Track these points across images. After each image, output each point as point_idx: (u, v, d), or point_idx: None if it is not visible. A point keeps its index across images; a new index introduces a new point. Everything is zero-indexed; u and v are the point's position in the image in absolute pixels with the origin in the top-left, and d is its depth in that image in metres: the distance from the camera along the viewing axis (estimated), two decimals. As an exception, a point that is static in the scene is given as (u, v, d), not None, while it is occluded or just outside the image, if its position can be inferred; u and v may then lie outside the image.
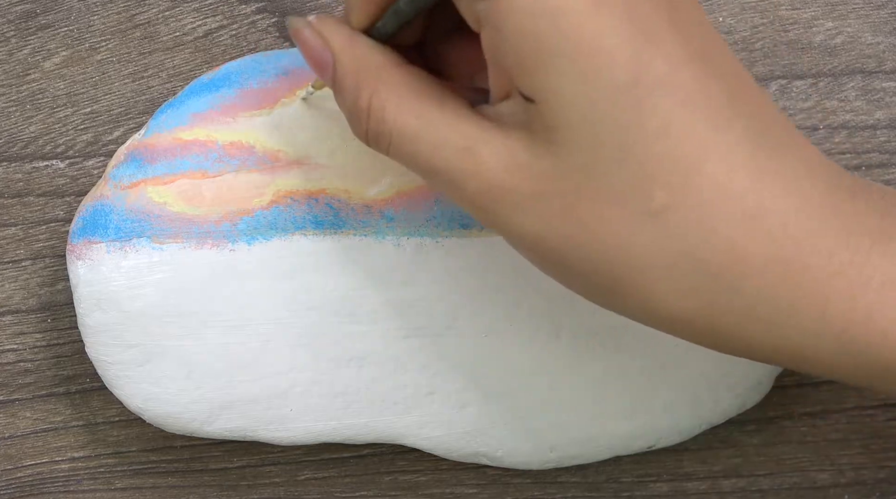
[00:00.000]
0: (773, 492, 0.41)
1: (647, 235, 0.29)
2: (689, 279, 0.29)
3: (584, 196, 0.29)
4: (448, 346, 0.38)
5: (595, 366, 0.38)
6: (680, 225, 0.29)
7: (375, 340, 0.38)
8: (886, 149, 0.41)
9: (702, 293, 0.29)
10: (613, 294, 0.30)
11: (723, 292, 0.29)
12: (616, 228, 0.29)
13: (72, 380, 0.41)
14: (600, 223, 0.29)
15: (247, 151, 0.38)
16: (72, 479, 0.41)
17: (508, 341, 0.38)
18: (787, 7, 0.41)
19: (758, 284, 0.29)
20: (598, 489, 0.41)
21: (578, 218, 0.29)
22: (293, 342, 0.38)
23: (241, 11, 0.41)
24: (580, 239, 0.29)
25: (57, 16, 0.42)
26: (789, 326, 0.29)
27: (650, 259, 0.29)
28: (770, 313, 0.29)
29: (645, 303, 0.30)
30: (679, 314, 0.30)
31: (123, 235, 0.37)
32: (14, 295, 0.41)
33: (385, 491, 0.41)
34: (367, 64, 0.32)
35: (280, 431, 0.39)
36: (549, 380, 0.38)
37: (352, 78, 0.32)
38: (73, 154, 0.41)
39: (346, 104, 0.32)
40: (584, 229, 0.29)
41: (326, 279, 0.38)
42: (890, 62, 0.41)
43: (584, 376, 0.38)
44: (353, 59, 0.32)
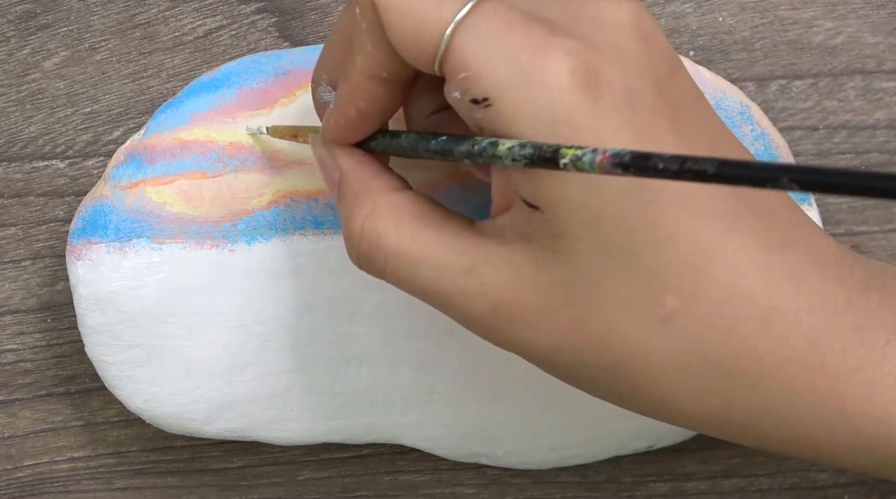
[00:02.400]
0: (773, 492, 0.41)
1: (660, 341, 0.29)
2: (705, 380, 0.29)
3: (594, 305, 0.29)
4: (448, 346, 0.38)
5: (595, 366, 0.38)
6: (693, 329, 0.28)
7: (375, 340, 0.38)
8: (886, 149, 0.41)
9: (718, 392, 0.29)
10: (630, 398, 0.30)
11: (739, 391, 0.29)
12: (628, 336, 0.29)
13: (72, 380, 0.41)
14: (612, 332, 0.29)
15: (246, 151, 0.38)
16: (72, 479, 0.41)
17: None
18: (787, 7, 0.41)
19: (774, 382, 0.29)
20: (598, 489, 0.41)
21: (589, 329, 0.29)
22: (293, 342, 0.38)
23: (241, 11, 0.41)
24: (592, 350, 0.29)
25: (57, 16, 0.42)
26: (806, 422, 0.29)
27: (665, 364, 0.29)
28: (787, 410, 0.29)
29: (662, 405, 0.30)
30: (697, 413, 0.30)
31: (123, 235, 0.37)
32: (14, 295, 0.41)
33: (385, 491, 0.41)
34: (368, 185, 0.31)
35: (280, 431, 0.39)
36: (548, 380, 0.38)
37: (351, 198, 0.31)
38: (73, 154, 0.41)
39: (343, 222, 0.32)
40: (596, 339, 0.29)
41: (326, 279, 0.38)
42: (890, 62, 0.41)
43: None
44: (357, 179, 0.32)
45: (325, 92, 0.33)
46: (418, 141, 0.31)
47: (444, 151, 0.30)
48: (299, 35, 0.41)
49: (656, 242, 0.28)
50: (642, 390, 0.30)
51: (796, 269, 0.29)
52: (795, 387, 0.29)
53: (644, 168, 0.24)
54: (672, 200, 0.28)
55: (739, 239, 0.28)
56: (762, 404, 0.29)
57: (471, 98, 0.28)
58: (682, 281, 0.28)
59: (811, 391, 0.29)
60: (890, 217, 0.41)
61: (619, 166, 0.25)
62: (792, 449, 0.30)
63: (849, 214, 0.41)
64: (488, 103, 0.28)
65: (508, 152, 0.27)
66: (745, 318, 0.28)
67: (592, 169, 0.25)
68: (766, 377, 0.29)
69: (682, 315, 0.28)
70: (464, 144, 0.29)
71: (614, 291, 0.28)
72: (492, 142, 0.28)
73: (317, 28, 0.41)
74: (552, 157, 0.26)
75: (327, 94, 0.33)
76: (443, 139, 0.30)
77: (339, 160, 0.32)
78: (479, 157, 0.28)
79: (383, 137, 0.32)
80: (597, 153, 0.25)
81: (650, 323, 0.29)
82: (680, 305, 0.28)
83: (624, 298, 0.28)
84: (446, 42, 0.28)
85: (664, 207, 0.28)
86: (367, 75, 0.30)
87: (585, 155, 0.25)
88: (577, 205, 0.28)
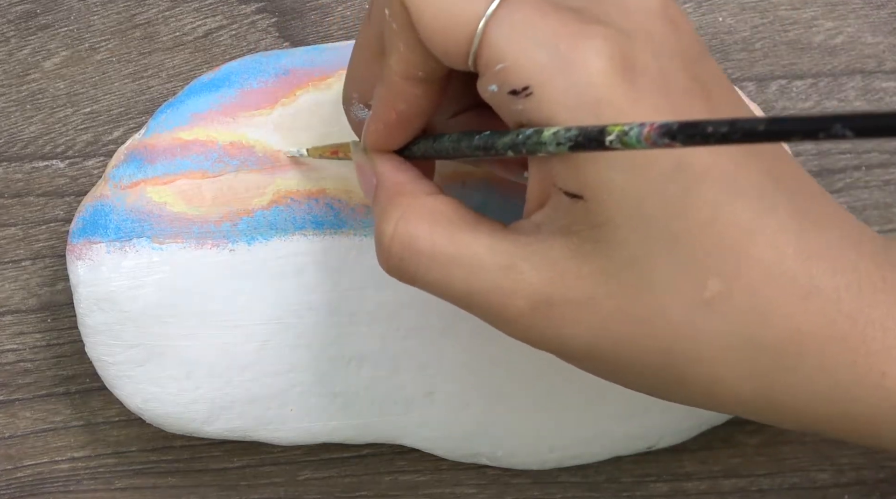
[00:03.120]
0: (773, 492, 0.41)
1: (705, 324, 0.29)
2: (749, 362, 0.29)
3: (638, 292, 0.29)
4: (448, 346, 0.38)
5: (595, 366, 0.38)
6: (736, 311, 0.29)
7: (375, 340, 0.38)
8: (886, 149, 0.41)
9: (762, 374, 0.29)
10: (675, 386, 0.30)
11: (782, 372, 0.29)
12: (674, 321, 0.29)
13: (72, 380, 0.41)
14: (657, 318, 0.29)
15: (247, 151, 0.38)
16: (72, 479, 0.41)
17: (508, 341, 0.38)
18: (787, 7, 0.41)
19: (817, 361, 0.29)
20: (598, 489, 0.41)
21: (634, 317, 0.29)
22: (293, 342, 0.38)
23: (241, 11, 0.41)
24: (636, 338, 0.29)
25: (57, 16, 0.42)
26: (848, 400, 0.29)
27: (710, 347, 0.29)
28: (829, 389, 0.29)
29: (708, 390, 0.30)
30: (741, 397, 0.30)
31: (123, 235, 0.37)
32: (14, 295, 0.41)
33: (385, 491, 0.41)
34: (403, 189, 0.31)
35: (280, 431, 0.39)
36: (548, 380, 0.38)
37: (385, 201, 0.31)
38: (73, 154, 0.41)
39: (375, 226, 0.31)
40: (641, 327, 0.29)
41: (326, 279, 0.38)
42: (890, 62, 0.41)
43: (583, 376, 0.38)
44: (392, 184, 0.32)
45: (359, 110, 0.33)
46: (461, 139, 0.31)
47: (488, 145, 0.30)
48: (299, 35, 0.41)
49: (698, 224, 0.28)
50: (688, 376, 0.30)
51: (833, 248, 0.29)
52: (837, 365, 0.29)
53: (692, 135, 0.24)
54: (711, 182, 0.28)
55: (777, 219, 0.29)
56: (805, 384, 0.29)
57: (510, 90, 0.28)
58: (724, 263, 0.28)
59: (852, 369, 0.29)
60: (890, 217, 0.41)
61: (666, 136, 0.24)
62: (834, 430, 0.30)
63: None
64: (529, 92, 0.28)
65: (553, 137, 0.27)
66: (786, 297, 0.29)
67: (639, 143, 0.25)
68: (809, 356, 0.29)
69: (725, 297, 0.29)
70: (507, 136, 0.29)
71: (658, 276, 0.29)
72: (536, 130, 0.28)
73: (317, 28, 0.42)
74: (598, 136, 0.26)
75: (361, 111, 0.33)
76: (486, 134, 0.30)
77: (376, 165, 0.32)
78: (522, 146, 0.28)
79: (425, 140, 0.32)
80: (644, 126, 0.25)
81: (695, 306, 0.29)
82: (723, 286, 0.28)
83: (668, 282, 0.29)
84: (480, 35, 0.28)
85: (704, 190, 0.28)
86: (403, 76, 0.30)
87: (632, 129, 0.25)
88: (620, 190, 0.28)
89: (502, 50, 0.28)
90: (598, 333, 0.29)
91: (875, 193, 0.41)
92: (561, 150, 0.27)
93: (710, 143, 0.24)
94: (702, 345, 0.29)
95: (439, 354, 0.38)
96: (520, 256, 0.29)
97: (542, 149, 0.28)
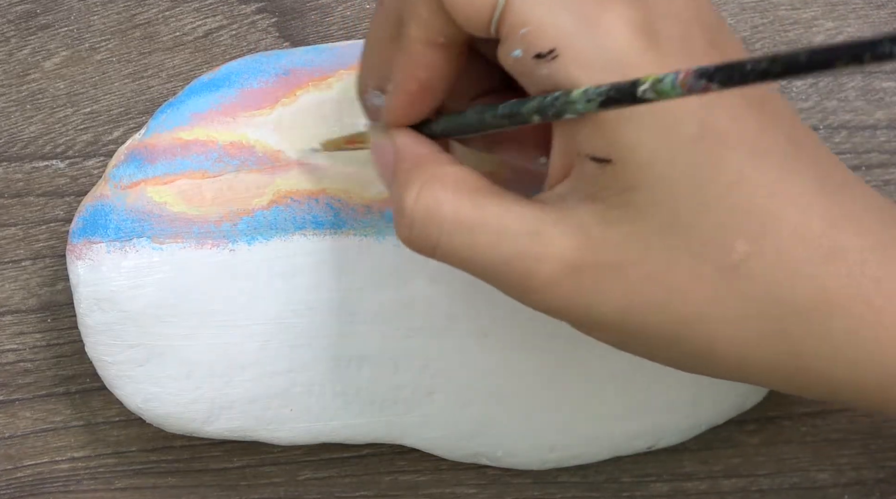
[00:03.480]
0: (773, 492, 0.41)
1: (733, 287, 0.29)
2: (777, 325, 0.29)
3: (667, 257, 0.29)
4: (448, 346, 0.38)
5: (595, 365, 0.38)
6: (764, 272, 0.29)
7: (375, 340, 0.38)
8: (886, 149, 0.41)
9: (790, 337, 0.29)
10: (702, 355, 0.30)
11: (810, 335, 0.29)
12: (704, 285, 0.29)
13: (72, 380, 0.41)
14: (687, 282, 0.29)
15: (247, 151, 0.38)
16: (72, 479, 0.41)
17: (508, 341, 0.38)
18: (787, 7, 0.41)
19: (842, 323, 0.29)
20: (598, 489, 0.41)
21: (663, 281, 0.29)
22: (293, 342, 0.38)
23: (241, 11, 0.41)
24: (667, 304, 0.29)
25: (57, 16, 0.42)
26: (873, 364, 0.29)
27: (740, 310, 0.29)
28: (855, 353, 0.29)
29: (737, 357, 0.30)
30: (768, 363, 0.30)
31: (123, 235, 0.37)
32: (14, 295, 0.41)
33: (385, 491, 0.41)
34: (424, 159, 0.31)
35: (280, 431, 0.39)
36: (548, 380, 0.38)
37: (405, 172, 0.31)
38: (73, 154, 0.41)
39: (394, 199, 0.31)
40: (671, 292, 0.29)
41: (326, 279, 0.38)
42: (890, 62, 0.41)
43: (583, 375, 0.38)
44: (413, 156, 0.31)
45: (375, 97, 0.32)
46: (485, 110, 0.30)
47: (514, 112, 0.29)
48: (299, 35, 0.41)
49: (724, 186, 0.28)
50: (718, 342, 0.29)
51: (857, 211, 0.29)
52: (862, 328, 0.29)
53: (731, 75, 0.23)
54: (736, 144, 0.28)
55: (801, 181, 0.29)
56: (831, 348, 0.29)
57: (535, 53, 0.28)
58: (750, 224, 0.28)
59: (877, 332, 0.29)
60: (890, 217, 0.41)
61: (703, 78, 0.24)
62: (855, 396, 0.30)
63: (849, 214, 0.41)
64: (555, 54, 0.28)
65: (583, 95, 0.27)
66: (812, 258, 0.29)
67: (674, 89, 0.24)
68: (835, 318, 0.29)
69: (753, 259, 0.29)
70: (534, 101, 0.29)
71: (686, 239, 0.28)
72: (564, 91, 0.28)
73: (317, 28, 0.42)
74: (630, 89, 0.26)
75: (377, 99, 0.32)
76: (511, 102, 0.29)
77: (396, 140, 0.32)
78: (550, 109, 0.28)
79: (447, 117, 0.32)
80: (679, 73, 0.24)
81: (723, 269, 0.29)
82: (750, 248, 0.28)
83: (695, 245, 0.29)
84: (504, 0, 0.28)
85: (730, 152, 0.28)
86: (424, 42, 0.30)
87: (667, 77, 0.25)
88: (650, 152, 0.28)
89: (527, 14, 0.28)
90: (628, 300, 0.29)
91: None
92: (590, 107, 0.27)
93: (748, 82, 0.23)
94: (732, 309, 0.29)
95: (439, 354, 0.38)
96: (547, 222, 0.29)
97: (570, 109, 0.27)
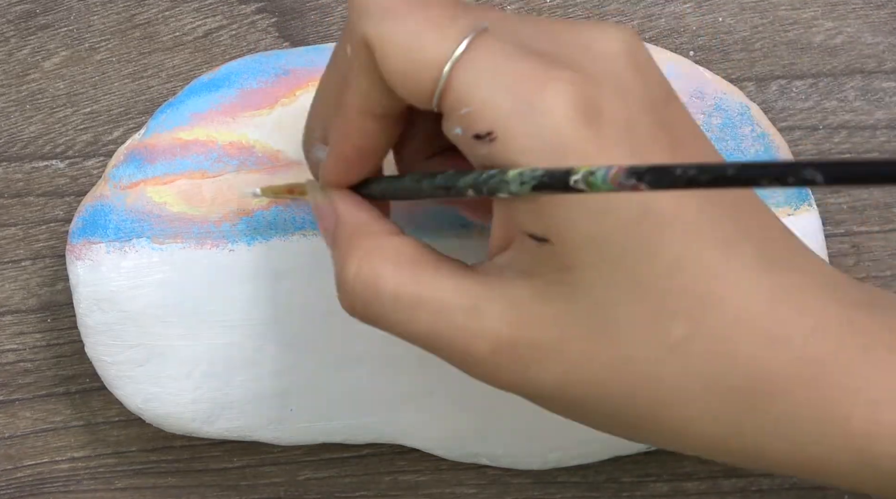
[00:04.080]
0: (772, 492, 0.41)
1: (671, 367, 0.29)
2: (716, 404, 0.29)
3: (604, 336, 0.29)
4: (448, 346, 0.38)
5: (595, 366, 0.38)
6: (703, 354, 0.29)
7: (375, 340, 0.38)
8: (886, 149, 0.41)
9: (730, 417, 0.29)
10: (643, 429, 0.30)
11: (749, 414, 0.29)
12: (640, 364, 0.29)
13: (72, 380, 0.41)
14: (623, 361, 0.29)
15: (247, 151, 0.38)
16: (72, 479, 0.41)
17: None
18: (787, 7, 0.41)
19: (783, 404, 0.29)
20: (598, 489, 0.41)
21: (600, 360, 0.29)
22: (293, 342, 0.38)
23: (241, 11, 0.41)
24: (603, 382, 0.29)
25: (57, 16, 0.42)
26: (814, 443, 0.29)
27: (677, 390, 0.29)
28: (796, 432, 0.29)
29: (677, 433, 0.30)
30: (709, 439, 0.30)
31: (123, 235, 0.37)
32: (14, 295, 0.41)
33: (385, 491, 0.41)
34: (364, 229, 0.31)
35: (280, 431, 0.39)
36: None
37: (346, 242, 0.31)
38: (73, 154, 0.41)
39: (336, 267, 0.31)
40: (607, 371, 0.29)
41: (327, 279, 0.38)
42: (890, 62, 0.41)
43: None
44: (352, 224, 0.31)
45: (320, 150, 0.33)
46: (422, 178, 0.31)
47: (449, 184, 0.29)
48: (299, 35, 0.41)
49: (663, 268, 0.28)
50: (655, 418, 0.30)
51: (799, 290, 0.29)
52: (803, 408, 0.29)
53: (660, 178, 0.24)
54: (676, 226, 0.28)
55: (743, 262, 0.29)
56: (772, 427, 0.29)
57: (474, 134, 0.28)
58: (689, 306, 0.28)
59: (819, 412, 0.29)
60: (890, 217, 0.41)
61: (633, 177, 0.24)
62: (799, 471, 0.30)
63: (849, 213, 0.41)
64: (493, 137, 0.28)
65: (518, 176, 0.27)
66: (752, 340, 0.28)
67: (605, 184, 0.25)
68: (775, 399, 0.29)
69: (691, 340, 0.28)
70: (469, 176, 0.29)
71: (623, 320, 0.28)
72: (500, 170, 0.28)
73: (317, 28, 0.42)
74: (563, 176, 0.26)
75: (321, 152, 0.33)
76: (448, 174, 0.30)
77: (336, 204, 0.32)
78: (484, 186, 0.28)
79: (385, 180, 0.32)
80: (611, 168, 0.25)
81: (661, 349, 0.29)
82: (689, 330, 0.28)
83: (634, 325, 0.28)
84: (445, 78, 0.28)
85: (669, 234, 0.28)
86: (362, 112, 0.30)
87: (599, 170, 0.25)
88: (585, 234, 0.28)
89: (467, 94, 0.28)
90: (564, 376, 0.29)
91: (875, 193, 0.41)
92: (524, 190, 0.27)
93: (677, 186, 0.23)
94: (669, 388, 0.29)
95: (439, 354, 0.38)
96: (484, 298, 0.29)
97: (504, 188, 0.27)
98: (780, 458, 0.30)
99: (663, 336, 0.28)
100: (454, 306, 0.29)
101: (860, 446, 0.29)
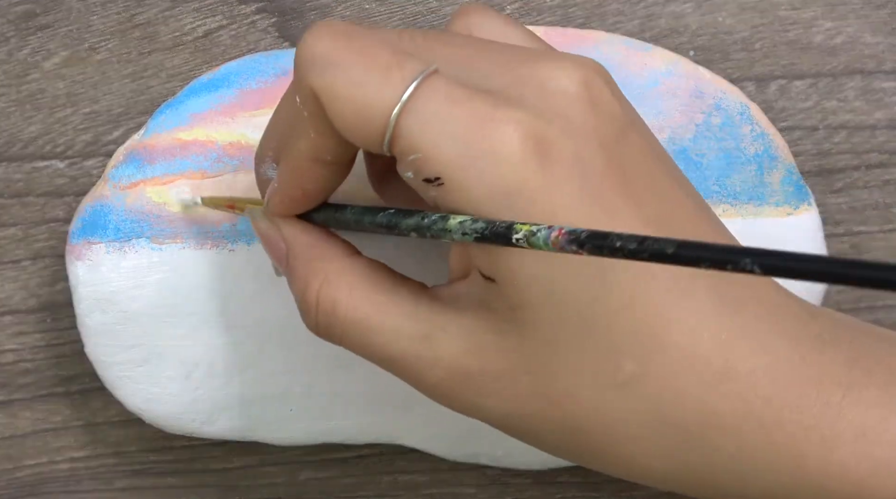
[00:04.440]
0: (772, 492, 0.41)
1: (617, 404, 0.29)
2: (664, 442, 0.29)
3: (551, 372, 0.29)
4: (448, 346, 0.38)
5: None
6: (650, 392, 0.29)
7: (375, 340, 0.38)
8: (886, 149, 0.41)
9: (678, 454, 0.29)
10: (592, 460, 0.31)
11: (698, 452, 0.29)
12: (586, 402, 0.29)
13: (72, 380, 0.41)
14: (570, 398, 0.29)
15: (246, 152, 0.38)
16: (72, 479, 0.41)
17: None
18: (787, 7, 0.41)
19: (733, 442, 0.29)
20: (598, 489, 0.41)
21: (548, 395, 0.29)
22: (293, 342, 0.38)
23: (241, 11, 0.41)
24: (552, 416, 0.30)
25: (57, 16, 0.42)
26: (766, 480, 0.29)
27: (622, 427, 0.29)
28: (746, 470, 0.29)
29: (623, 467, 0.30)
30: (658, 474, 0.30)
31: (123, 235, 0.37)
32: (14, 295, 0.41)
33: (385, 491, 0.41)
34: (318, 254, 0.31)
35: (280, 431, 0.39)
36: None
37: (302, 268, 0.31)
38: (73, 154, 0.41)
39: (295, 295, 0.32)
40: (555, 406, 0.30)
41: (326, 279, 0.38)
42: (890, 62, 0.41)
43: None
44: (305, 249, 0.32)
45: (270, 169, 0.33)
46: (364, 214, 0.31)
47: (392, 224, 0.30)
48: (299, 35, 0.41)
49: (612, 310, 0.28)
50: (603, 452, 0.30)
51: (751, 328, 0.29)
52: (754, 446, 0.29)
53: (600, 246, 0.24)
54: (627, 267, 0.28)
55: (694, 302, 0.29)
56: (722, 465, 0.29)
57: (423, 178, 0.28)
58: (638, 347, 0.29)
59: (769, 450, 0.29)
60: (890, 217, 0.41)
61: (574, 243, 0.24)
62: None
63: (849, 214, 0.41)
64: (440, 182, 0.28)
65: (459, 227, 0.27)
66: (701, 380, 0.29)
67: (546, 246, 0.25)
68: (725, 437, 0.29)
69: (638, 379, 0.29)
70: (412, 218, 0.29)
71: (572, 358, 0.29)
72: (441, 216, 0.28)
73: (317, 28, 0.41)
74: (505, 233, 0.26)
75: (272, 170, 0.33)
76: (390, 212, 0.30)
77: (283, 231, 0.32)
78: (427, 231, 0.28)
79: (327, 210, 0.32)
80: (552, 230, 0.25)
81: (607, 388, 0.29)
82: (637, 369, 0.29)
83: (581, 364, 0.29)
84: (393, 126, 0.28)
85: (620, 275, 0.28)
86: (311, 159, 0.30)
87: (541, 231, 0.25)
88: (532, 277, 0.28)
89: (415, 141, 0.28)
90: (512, 406, 0.30)
91: (875, 193, 0.41)
92: (466, 239, 0.27)
93: (616, 256, 0.24)
94: (615, 425, 0.29)
95: (439, 354, 0.38)
96: (438, 326, 0.30)
97: (446, 236, 0.28)
98: (735, 492, 0.30)
99: (612, 374, 0.29)
100: (408, 333, 0.30)
101: (815, 483, 0.29)
